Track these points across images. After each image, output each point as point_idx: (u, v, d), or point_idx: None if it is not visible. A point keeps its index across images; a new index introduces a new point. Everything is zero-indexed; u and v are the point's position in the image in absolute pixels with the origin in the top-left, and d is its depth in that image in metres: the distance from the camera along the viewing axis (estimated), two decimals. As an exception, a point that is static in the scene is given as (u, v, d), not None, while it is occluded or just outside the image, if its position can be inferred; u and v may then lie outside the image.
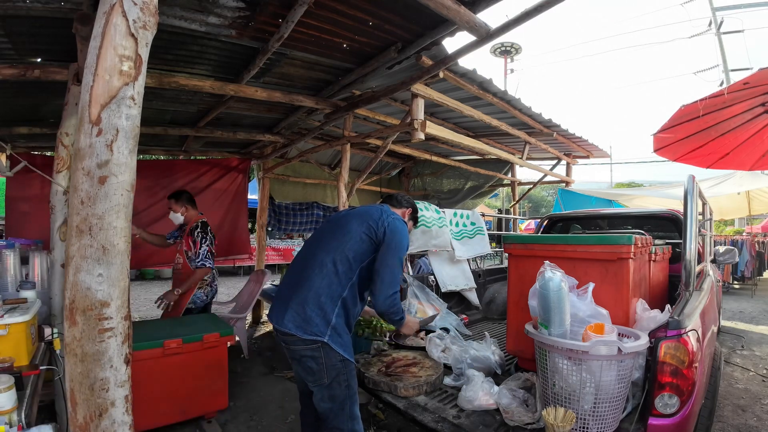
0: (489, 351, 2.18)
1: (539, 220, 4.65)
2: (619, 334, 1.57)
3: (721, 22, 14.50)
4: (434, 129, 3.45)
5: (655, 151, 4.51)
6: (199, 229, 3.24)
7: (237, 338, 4.00)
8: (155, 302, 3.25)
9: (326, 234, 1.92)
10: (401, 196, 2.19)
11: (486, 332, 2.42)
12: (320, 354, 1.66)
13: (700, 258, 2.65)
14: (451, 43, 3.53)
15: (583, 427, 1.48)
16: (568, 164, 6.32)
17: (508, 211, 6.58)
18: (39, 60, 2.68)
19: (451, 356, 2.19)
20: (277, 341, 1.83)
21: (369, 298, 1.96)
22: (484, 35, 2.23)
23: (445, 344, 2.32)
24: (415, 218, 2.21)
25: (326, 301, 1.70)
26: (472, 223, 3.90)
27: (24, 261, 2.24)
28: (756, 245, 9.66)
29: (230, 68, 2.96)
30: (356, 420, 1.74)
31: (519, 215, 6.86)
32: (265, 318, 5.92)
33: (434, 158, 5.77)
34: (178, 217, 3.41)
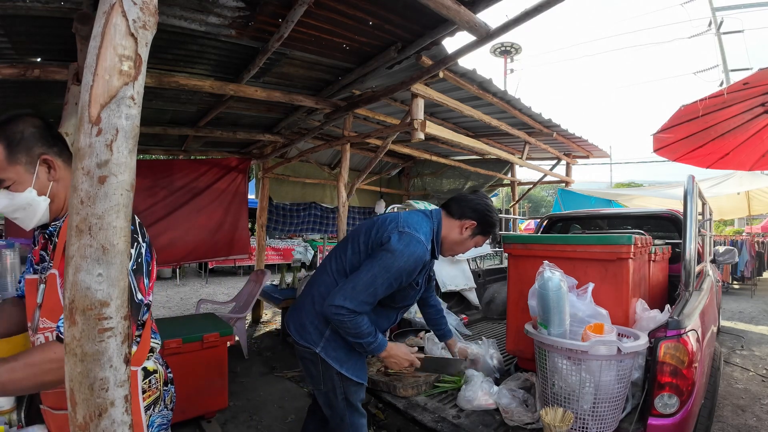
0: (487, 355, 2.17)
1: (539, 220, 4.65)
2: (618, 334, 1.57)
3: (721, 22, 14.52)
4: (434, 129, 3.45)
5: (655, 151, 4.51)
6: None
7: (237, 338, 4.01)
8: None
9: (344, 240, 1.78)
10: (466, 202, 1.68)
11: (483, 337, 2.39)
12: (318, 361, 1.60)
13: (700, 258, 2.65)
14: (451, 43, 3.54)
15: (583, 427, 1.48)
16: (567, 164, 6.32)
17: (507, 211, 6.58)
18: (39, 59, 2.68)
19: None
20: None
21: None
22: (484, 35, 2.23)
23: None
24: (485, 233, 1.70)
25: (321, 310, 1.59)
26: (472, 223, 3.89)
27: (24, 261, 2.23)
28: (755, 245, 9.67)
29: (230, 68, 2.96)
30: (359, 429, 1.68)
31: (519, 215, 6.87)
32: (265, 318, 5.93)
33: (434, 158, 5.77)
34: None
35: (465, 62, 2.83)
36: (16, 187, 0.99)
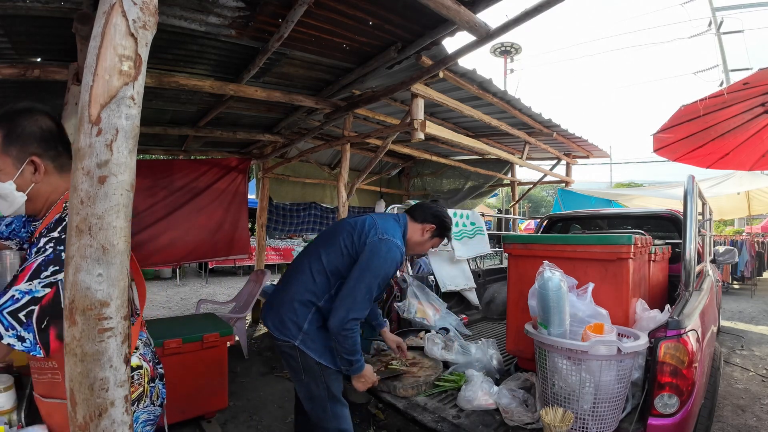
0: (487, 356, 2.16)
1: (539, 220, 4.65)
2: (618, 334, 1.57)
3: (721, 22, 14.52)
4: (434, 129, 3.45)
5: (655, 151, 4.51)
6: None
7: (237, 338, 4.01)
8: None
9: (320, 239, 1.91)
10: (428, 209, 1.95)
11: (483, 337, 2.38)
12: (296, 353, 1.72)
13: (700, 258, 2.65)
14: (451, 43, 3.53)
15: (583, 427, 1.48)
16: (567, 164, 6.32)
17: (507, 211, 6.58)
18: (39, 60, 2.68)
19: (454, 354, 2.18)
20: None
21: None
22: (484, 35, 2.23)
23: (445, 342, 2.31)
24: (442, 235, 1.98)
25: (299, 306, 1.73)
26: (472, 223, 3.89)
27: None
28: (755, 245, 9.66)
29: (230, 68, 2.96)
30: (341, 419, 1.76)
31: (519, 215, 6.86)
32: (264, 318, 5.93)
33: (434, 158, 5.77)
34: None
35: (465, 62, 2.84)
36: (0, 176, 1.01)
